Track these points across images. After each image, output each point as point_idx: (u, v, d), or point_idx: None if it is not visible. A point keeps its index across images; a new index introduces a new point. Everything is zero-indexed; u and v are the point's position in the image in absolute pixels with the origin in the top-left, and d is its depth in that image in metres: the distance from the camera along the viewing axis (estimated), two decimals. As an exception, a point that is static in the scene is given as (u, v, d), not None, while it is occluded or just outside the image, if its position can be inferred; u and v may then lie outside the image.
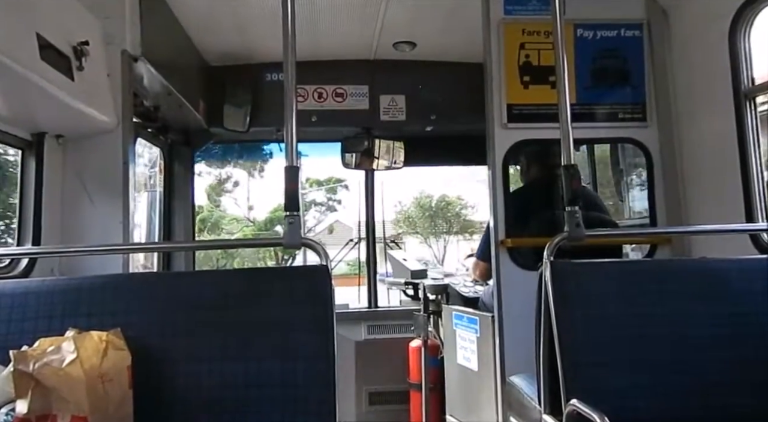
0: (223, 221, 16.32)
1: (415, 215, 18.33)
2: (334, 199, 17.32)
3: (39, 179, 2.40)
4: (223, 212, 16.45)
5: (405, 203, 18.18)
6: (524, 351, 2.08)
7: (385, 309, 4.48)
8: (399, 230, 17.34)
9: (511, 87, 2.91)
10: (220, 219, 16.30)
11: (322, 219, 17.79)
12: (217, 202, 16.45)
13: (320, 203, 17.68)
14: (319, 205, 17.76)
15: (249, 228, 16.08)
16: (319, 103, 4.09)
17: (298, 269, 2.89)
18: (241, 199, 16.56)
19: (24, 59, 1.86)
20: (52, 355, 1.38)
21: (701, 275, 1.83)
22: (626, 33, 2.98)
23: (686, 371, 1.70)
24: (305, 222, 16.51)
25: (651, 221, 2.98)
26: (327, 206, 17.91)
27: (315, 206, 17.77)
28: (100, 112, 2.40)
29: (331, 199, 17.39)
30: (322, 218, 17.80)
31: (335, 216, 17.53)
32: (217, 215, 16.17)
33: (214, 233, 15.71)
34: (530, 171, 3.32)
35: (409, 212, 18.31)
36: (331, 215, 17.74)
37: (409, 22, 3.55)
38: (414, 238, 17.67)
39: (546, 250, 1.81)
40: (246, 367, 1.62)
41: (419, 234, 17.99)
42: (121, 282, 1.84)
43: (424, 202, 18.13)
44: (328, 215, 17.79)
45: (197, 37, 3.61)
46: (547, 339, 1.78)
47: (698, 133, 2.80)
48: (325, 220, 17.74)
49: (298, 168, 1.76)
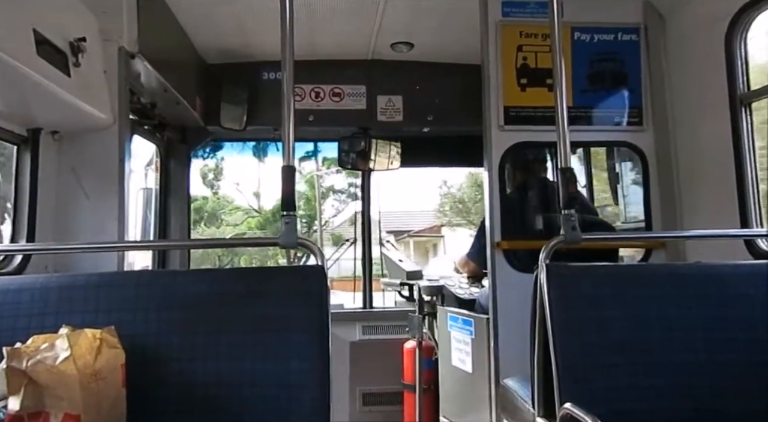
0: (222, 210, 14.17)
1: (469, 197, 14.81)
2: (357, 185, 14.80)
3: (34, 175, 2.39)
4: (222, 200, 14.07)
5: (452, 183, 15.12)
6: (519, 353, 2.08)
7: (380, 310, 4.48)
8: (442, 221, 14.73)
9: (508, 89, 2.92)
10: (218, 208, 14.13)
11: (342, 209, 14.89)
12: (216, 188, 13.82)
13: (340, 190, 14.55)
14: (339, 192, 14.62)
15: (255, 219, 14.03)
16: (316, 102, 4.09)
17: (293, 268, 2.89)
18: (246, 185, 14.01)
19: (20, 55, 1.85)
20: (46, 352, 1.37)
21: (696, 280, 1.84)
22: (623, 37, 2.99)
23: (680, 375, 1.70)
24: (323, 211, 14.42)
25: (646, 225, 2.99)
26: (348, 193, 14.56)
27: (334, 194, 14.72)
28: (97, 108, 2.39)
29: (353, 185, 13.90)
30: (342, 208, 14.94)
31: (358, 205, 15.33)
32: (213, 204, 13.90)
33: (212, 225, 13.74)
34: (516, 176, 3.33)
35: (461, 196, 15.03)
36: (353, 204, 14.44)
37: (407, 23, 3.55)
38: (465, 229, 13.95)
39: (542, 253, 1.81)
40: (240, 366, 1.62)
41: (473, 223, 13.43)
42: (115, 280, 1.83)
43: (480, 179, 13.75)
44: (349, 203, 14.81)
45: (194, 35, 3.60)
46: (542, 342, 1.78)
47: (694, 137, 2.81)
48: (345, 209, 14.87)
49: (294, 168, 1.75)
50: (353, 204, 13.71)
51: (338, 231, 14.51)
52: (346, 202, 14.53)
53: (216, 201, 14.13)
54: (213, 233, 13.65)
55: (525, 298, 1.92)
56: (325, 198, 14.42)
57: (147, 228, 3.85)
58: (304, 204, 14.06)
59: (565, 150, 1.87)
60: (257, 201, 14.35)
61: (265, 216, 13.62)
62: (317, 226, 14.76)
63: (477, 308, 3.21)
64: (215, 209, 14.18)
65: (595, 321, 1.74)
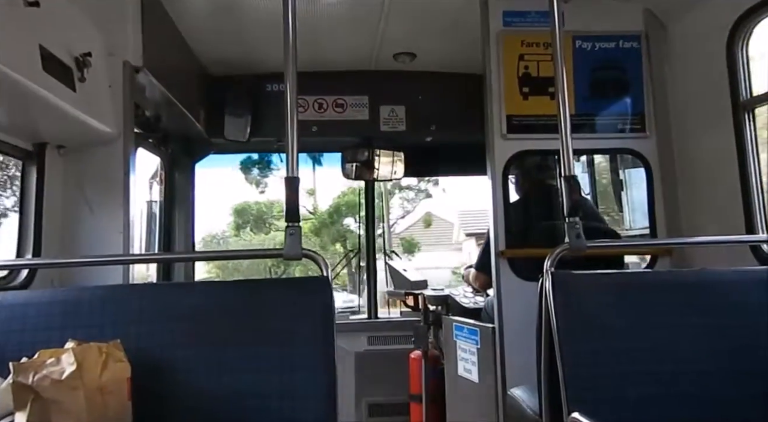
0: (270, 214, 12.47)
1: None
2: (428, 178, 11.54)
3: (40, 190, 2.40)
4: (269, 202, 12.13)
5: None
6: (525, 362, 2.07)
7: (385, 320, 4.47)
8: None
9: (510, 98, 2.93)
10: (266, 212, 12.40)
11: (410, 209, 12.84)
12: (263, 187, 11.81)
13: (407, 187, 12.55)
14: (406, 189, 12.60)
15: (308, 222, 12.17)
16: (319, 113, 4.11)
17: (298, 280, 2.89)
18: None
19: (26, 70, 1.87)
20: (52, 367, 1.37)
21: (702, 287, 1.83)
22: (625, 45, 3.00)
23: (687, 383, 1.69)
24: (391, 210, 12.45)
25: (651, 231, 2.98)
26: (417, 189, 12.55)
27: (400, 191, 12.60)
28: (102, 122, 2.40)
29: (423, 179, 11.72)
30: (410, 208, 12.91)
31: (428, 205, 12.30)
32: (259, 207, 12.26)
33: (260, 231, 12.17)
34: (521, 185, 3.33)
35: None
36: (423, 202, 12.67)
37: (409, 34, 3.58)
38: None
39: (546, 261, 1.81)
40: (246, 379, 1.61)
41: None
42: (120, 293, 1.84)
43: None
44: (419, 202, 12.72)
45: (198, 48, 3.63)
46: (548, 351, 1.77)
47: (697, 143, 2.81)
48: (415, 210, 12.81)
49: (298, 179, 1.76)
50: (424, 202, 12.36)
51: (408, 235, 12.83)
52: (415, 201, 12.68)
53: (264, 203, 12.59)
54: (262, 240, 12.29)
55: (530, 307, 1.92)
56: (391, 194, 12.46)
57: (151, 241, 3.87)
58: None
59: (568, 158, 1.87)
60: (312, 200, 12.57)
61: (320, 218, 12.01)
62: (383, 229, 12.76)
63: (483, 317, 3.20)
64: (262, 212, 12.69)
65: (601, 329, 1.73)
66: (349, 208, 11.82)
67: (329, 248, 11.59)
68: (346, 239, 11.69)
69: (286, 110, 1.76)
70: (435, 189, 12.14)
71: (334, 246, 11.90)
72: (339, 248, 11.42)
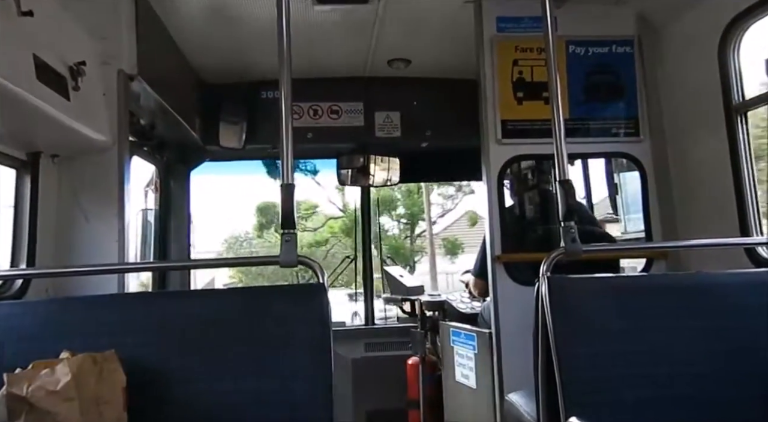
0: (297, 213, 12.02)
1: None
2: None
3: (34, 199, 2.39)
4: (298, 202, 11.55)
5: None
6: (523, 367, 2.07)
7: (382, 326, 4.46)
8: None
9: (505, 103, 2.94)
10: None
11: (450, 207, 11.89)
12: None
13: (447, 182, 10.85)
14: (445, 184, 11.21)
15: (339, 221, 11.34)
16: (314, 120, 4.11)
17: (294, 287, 2.88)
18: (326, 178, 10.07)
19: (20, 79, 1.87)
20: (47, 378, 1.36)
21: (698, 290, 1.83)
22: (618, 49, 3.02)
23: (684, 385, 1.69)
24: (431, 206, 11.65)
25: (646, 235, 2.99)
26: (457, 186, 11.33)
27: (439, 187, 11.39)
28: (96, 131, 2.40)
29: None
30: (450, 206, 11.91)
31: (470, 202, 11.00)
32: None
33: None
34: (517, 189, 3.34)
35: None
36: (466, 198, 11.47)
37: (403, 40, 3.59)
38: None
39: (542, 265, 1.81)
40: (242, 387, 1.60)
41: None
42: (115, 302, 1.83)
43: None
44: (460, 199, 11.76)
45: (193, 56, 3.63)
46: (545, 355, 1.77)
47: (691, 147, 2.82)
48: (456, 207, 11.79)
49: (293, 185, 1.76)
50: (467, 199, 11.22)
51: (451, 234, 12.10)
52: (456, 197, 11.52)
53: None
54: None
55: (527, 311, 1.91)
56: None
57: (147, 249, 3.85)
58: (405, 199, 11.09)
59: (563, 162, 1.88)
60: (341, 198, 11.72)
61: (351, 216, 10.67)
62: (424, 228, 11.90)
63: (480, 322, 3.19)
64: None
65: (597, 333, 1.73)
66: (384, 204, 10.89)
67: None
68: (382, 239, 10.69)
69: (281, 116, 1.76)
70: (479, 185, 11.37)
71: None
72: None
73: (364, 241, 4.65)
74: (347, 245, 10.49)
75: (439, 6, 3.12)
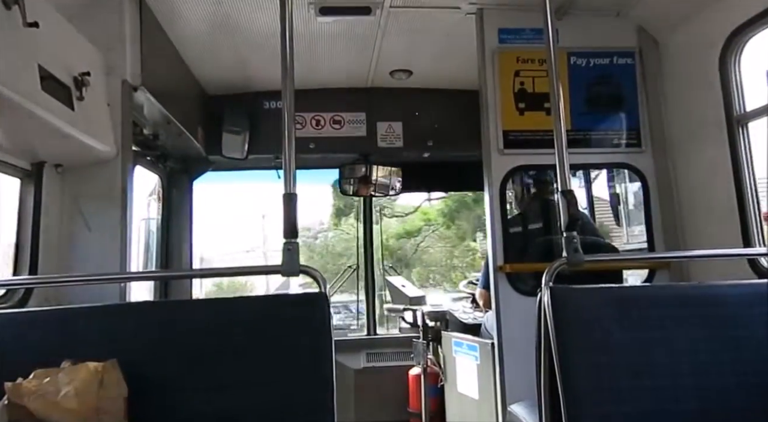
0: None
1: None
2: None
3: (37, 208, 2.40)
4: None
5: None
6: (525, 378, 2.05)
7: (384, 337, 4.45)
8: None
9: (506, 114, 2.95)
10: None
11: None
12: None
13: None
14: None
15: (440, 202, 8.96)
16: (316, 130, 4.13)
17: (296, 296, 2.88)
18: None
19: (25, 90, 1.88)
20: (48, 387, 1.36)
21: (700, 301, 1.83)
22: (619, 61, 3.04)
23: (688, 397, 1.68)
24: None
25: (649, 245, 2.98)
26: None
27: None
28: (100, 141, 2.41)
29: None
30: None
31: None
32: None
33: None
34: (521, 199, 3.35)
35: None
36: None
37: (405, 51, 3.61)
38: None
39: (544, 275, 1.81)
40: (243, 397, 1.60)
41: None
42: (117, 312, 1.82)
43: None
44: None
45: (196, 67, 3.66)
46: (548, 366, 1.76)
47: (693, 158, 2.83)
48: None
49: (296, 195, 1.76)
50: None
51: None
52: None
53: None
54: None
55: (530, 322, 1.90)
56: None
57: (149, 258, 3.86)
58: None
59: (565, 172, 1.88)
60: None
61: (456, 197, 9.09)
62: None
63: (483, 332, 3.18)
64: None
65: (600, 344, 1.72)
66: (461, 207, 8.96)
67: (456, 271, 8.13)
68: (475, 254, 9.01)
69: (284, 126, 1.77)
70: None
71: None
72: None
73: (365, 250, 4.65)
74: (446, 237, 8.41)
75: (441, 17, 3.14)
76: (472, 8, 2.99)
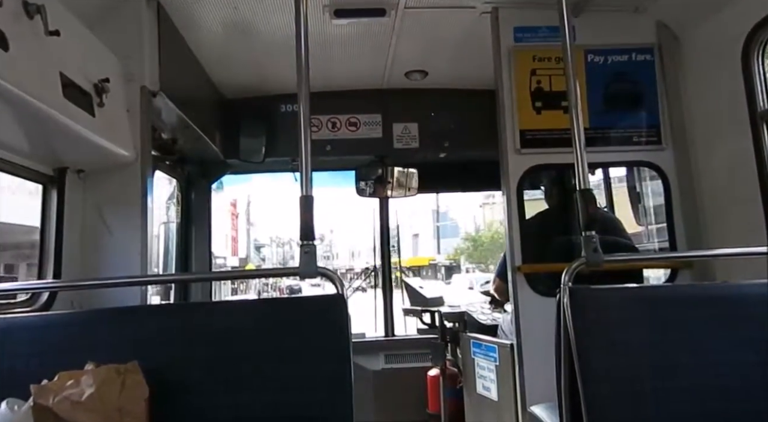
0: None
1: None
2: None
3: (60, 213, 2.45)
4: None
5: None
6: (545, 379, 2.03)
7: (402, 338, 4.44)
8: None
9: (523, 113, 2.93)
10: None
11: None
12: None
13: None
14: None
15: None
16: (333, 132, 4.15)
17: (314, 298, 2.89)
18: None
19: (48, 98, 1.92)
20: (71, 389, 1.39)
21: (724, 301, 1.79)
22: (638, 57, 2.99)
23: (711, 399, 1.65)
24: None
25: (670, 244, 2.93)
26: None
27: None
28: (120, 146, 2.45)
29: None
30: None
31: None
32: None
33: None
34: (552, 194, 3.32)
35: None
36: None
37: (421, 52, 3.61)
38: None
39: (564, 275, 1.79)
40: (263, 398, 1.61)
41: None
42: (138, 314, 1.85)
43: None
44: None
45: (213, 72, 3.70)
46: (568, 368, 1.74)
47: (716, 154, 2.77)
48: None
49: (312, 197, 1.77)
50: None
51: None
52: None
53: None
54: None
55: (549, 323, 1.88)
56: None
57: (169, 261, 3.90)
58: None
59: (584, 171, 1.86)
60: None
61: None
62: None
63: (499, 333, 3.16)
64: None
65: (621, 345, 1.70)
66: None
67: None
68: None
69: (300, 129, 1.78)
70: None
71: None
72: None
73: (383, 252, 4.65)
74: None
75: (456, 17, 3.13)
76: (487, 7, 2.97)
